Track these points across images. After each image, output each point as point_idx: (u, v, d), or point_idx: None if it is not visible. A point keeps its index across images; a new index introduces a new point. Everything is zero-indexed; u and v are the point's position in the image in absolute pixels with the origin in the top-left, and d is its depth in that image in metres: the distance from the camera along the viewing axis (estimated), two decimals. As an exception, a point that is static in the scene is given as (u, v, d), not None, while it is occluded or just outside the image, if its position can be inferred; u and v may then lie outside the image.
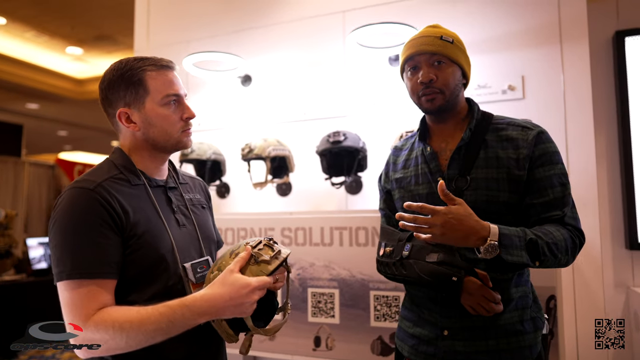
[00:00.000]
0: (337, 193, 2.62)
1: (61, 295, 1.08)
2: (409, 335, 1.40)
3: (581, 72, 2.25)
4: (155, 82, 1.21)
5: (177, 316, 1.04)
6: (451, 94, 1.32)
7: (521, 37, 2.34)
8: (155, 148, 1.25)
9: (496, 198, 1.25)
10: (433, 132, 1.41)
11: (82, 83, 7.59)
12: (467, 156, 1.30)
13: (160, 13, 3.21)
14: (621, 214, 2.60)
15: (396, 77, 2.56)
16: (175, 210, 1.28)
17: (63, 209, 1.11)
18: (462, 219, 1.13)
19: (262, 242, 1.16)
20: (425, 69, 1.32)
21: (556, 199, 1.24)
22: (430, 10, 2.51)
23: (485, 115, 1.37)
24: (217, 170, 2.74)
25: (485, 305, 1.21)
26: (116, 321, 1.03)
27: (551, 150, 1.27)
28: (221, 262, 1.14)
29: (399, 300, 2.11)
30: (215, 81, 2.99)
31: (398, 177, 1.47)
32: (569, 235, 1.21)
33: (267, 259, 1.12)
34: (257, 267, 1.10)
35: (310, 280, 2.27)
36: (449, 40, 1.31)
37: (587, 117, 2.23)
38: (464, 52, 1.35)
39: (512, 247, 1.14)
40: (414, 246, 1.33)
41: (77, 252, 1.07)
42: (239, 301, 1.05)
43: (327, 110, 2.70)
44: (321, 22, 2.75)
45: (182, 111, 1.24)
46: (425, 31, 1.36)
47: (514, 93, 2.32)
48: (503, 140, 1.29)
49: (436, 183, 1.34)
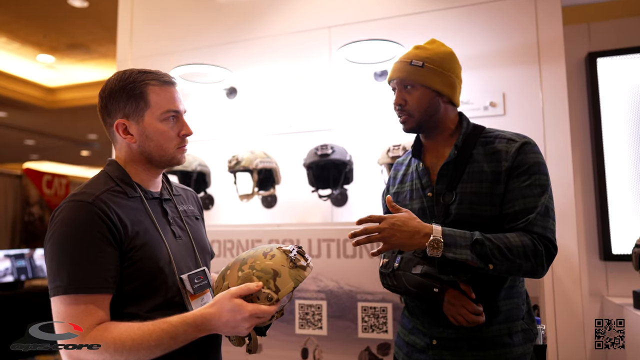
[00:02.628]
0: (323, 205, 2.64)
1: (56, 310, 1.06)
2: (404, 343, 1.45)
3: (558, 90, 2.35)
4: (156, 96, 1.21)
5: (179, 333, 1.05)
6: (422, 116, 1.38)
7: (502, 56, 2.44)
8: (150, 162, 1.25)
9: (479, 212, 1.29)
10: (426, 148, 1.47)
11: (53, 91, 7.40)
12: (455, 172, 1.34)
13: (143, 24, 3.19)
14: (595, 226, 2.72)
15: (381, 92, 2.62)
16: (171, 222, 1.28)
17: (61, 222, 1.09)
18: (406, 221, 1.22)
19: (294, 249, 1.16)
20: (397, 93, 1.41)
21: (526, 209, 1.25)
22: (414, 28, 2.59)
23: (476, 129, 1.40)
24: (202, 182, 2.73)
25: (466, 316, 1.25)
26: (117, 339, 1.03)
27: (531, 161, 1.28)
28: (254, 261, 1.13)
29: (386, 312, 2.14)
30: (200, 93, 2.99)
31: (395, 191, 1.52)
32: (530, 241, 1.21)
33: (303, 264, 1.12)
34: (295, 272, 1.10)
35: (297, 292, 2.27)
36: (419, 64, 1.36)
37: (564, 133, 2.33)
38: (439, 72, 1.37)
39: (456, 246, 1.20)
40: (402, 258, 1.39)
41: (74, 266, 1.06)
42: (235, 325, 1.07)
43: (313, 123, 2.73)
44: (307, 37, 2.79)
45: (180, 128, 1.25)
46: (403, 55, 1.43)
47: (495, 109, 2.41)
48: (489, 154, 1.32)
49: (427, 198, 1.39)
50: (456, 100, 1.42)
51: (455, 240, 1.20)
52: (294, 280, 1.09)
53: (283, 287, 1.08)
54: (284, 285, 1.08)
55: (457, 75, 1.41)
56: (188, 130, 1.26)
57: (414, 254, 1.36)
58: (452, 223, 1.31)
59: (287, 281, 1.08)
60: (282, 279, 1.08)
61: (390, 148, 2.24)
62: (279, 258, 1.11)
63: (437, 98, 1.37)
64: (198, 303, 1.24)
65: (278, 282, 1.08)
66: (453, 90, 1.39)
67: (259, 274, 1.09)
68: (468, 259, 1.19)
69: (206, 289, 1.28)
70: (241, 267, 1.13)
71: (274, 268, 1.09)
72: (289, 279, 1.08)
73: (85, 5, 4.99)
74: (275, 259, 1.11)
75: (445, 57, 1.39)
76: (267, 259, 1.11)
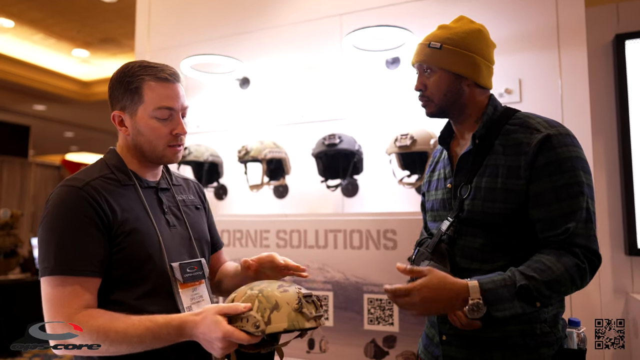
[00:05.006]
0: (334, 196, 2.61)
1: (44, 291, 1.09)
2: (425, 335, 1.43)
3: (579, 76, 2.23)
4: (151, 92, 1.21)
5: (162, 334, 1.05)
6: (443, 101, 1.30)
7: (518, 40, 2.33)
8: (142, 155, 1.26)
9: (491, 209, 1.20)
10: (456, 135, 1.40)
11: (88, 85, 7.66)
12: (473, 163, 1.27)
13: (160, 16, 3.24)
14: (620, 219, 2.57)
15: (393, 80, 2.56)
16: (166, 211, 1.29)
17: (52, 205, 1.13)
18: (436, 289, 1.09)
19: (313, 297, 1.09)
20: (418, 77, 1.34)
21: (564, 214, 1.13)
22: (428, 13, 2.50)
23: (504, 115, 1.29)
24: (214, 172, 2.75)
25: (460, 319, 1.17)
26: (101, 327, 1.04)
27: (561, 156, 1.15)
28: (266, 288, 1.08)
29: (392, 304, 2.10)
30: (213, 84, 3.01)
31: (427, 180, 1.48)
32: (572, 263, 1.10)
33: (308, 314, 1.05)
34: (296, 316, 1.03)
35: (304, 283, 2.26)
36: (437, 46, 1.28)
37: (584, 122, 2.21)
38: (459, 53, 1.27)
39: (500, 301, 1.08)
40: (419, 251, 1.35)
41: (61, 249, 1.08)
42: (209, 340, 1.02)
43: (324, 113, 2.70)
44: (318, 25, 2.76)
45: (174, 126, 1.23)
46: (425, 37, 1.35)
47: (510, 96, 2.31)
48: (509, 145, 1.22)
49: (446, 190, 1.33)
50: (483, 82, 1.30)
51: (497, 294, 1.08)
52: (290, 322, 1.02)
53: (274, 323, 1.01)
54: (276, 321, 1.01)
55: (484, 54, 1.30)
56: (181, 130, 1.23)
57: (426, 247, 1.32)
58: (465, 219, 1.25)
59: (282, 319, 1.02)
60: (279, 314, 1.02)
61: (398, 137, 2.19)
62: (289, 296, 1.05)
63: (458, 81, 1.28)
64: (188, 293, 1.24)
65: (273, 315, 1.02)
66: (477, 72, 1.28)
67: (262, 299, 1.04)
68: (519, 312, 1.09)
69: (200, 279, 1.27)
70: (252, 287, 1.10)
71: (278, 301, 1.04)
72: (285, 319, 1.02)
73: (115, 0, 5.12)
74: (285, 294, 1.05)
75: (469, 35, 1.29)
76: (278, 291, 1.06)
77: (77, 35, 6.08)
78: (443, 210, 1.33)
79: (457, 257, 1.26)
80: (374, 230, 2.17)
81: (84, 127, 9.60)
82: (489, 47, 1.33)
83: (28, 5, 5.29)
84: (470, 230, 1.25)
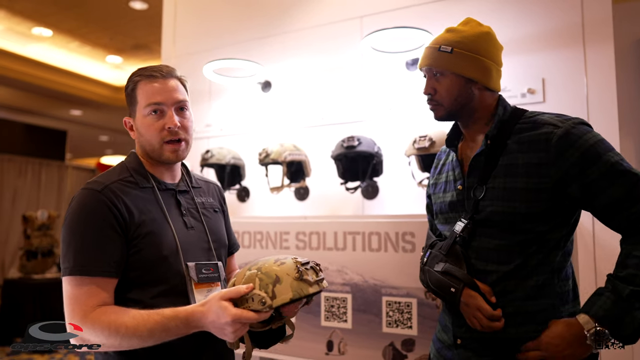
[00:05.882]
0: (354, 198, 2.61)
1: (64, 289, 1.14)
2: (437, 339, 1.41)
3: (605, 75, 2.16)
4: (142, 92, 1.24)
5: (170, 326, 1.07)
6: (453, 105, 1.29)
7: (542, 38, 2.28)
8: (149, 156, 1.28)
9: (512, 209, 1.18)
10: (464, 137, 1.38)
11: (121, 90, 7.90)
12: (487, 164, 1.25)
13: (185, 23, 3.32)
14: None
15: (413, 82, 2.54)
16: (184, 212, 1.30)
17: (72, 208, 1.17)
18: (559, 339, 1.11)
19: (310, 263, 1.12)
20: (427, 81, 1.33)
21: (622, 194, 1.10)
22: (448, 13, 2.48)
23: (514, 115, 1.27)
24: (236, 175, 2.79)
25: (480, 320, 1.17)
26: (112, 323, 1.07)
27: (590, 142, 1.13)
28: (264, 264, 1.10)
29: (411, 307, 2.09)
30: (236, 87, 3.06)
31: (433, 182, 1.47)
32: None
33: (310, 280, 1.07)
34: (298, 284, 1.05)
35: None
36: (447, 50, 1.27)
37: (612, 123, 2.14)
38: (470, 57, 1.26)
39: (620, 321, 1.05)
40: (431, 253, 1.34)
41: (80, 250, 1.12)
42: (220, 327, 1.05)
43: (345, 115, 2.71)
44: (339, 28, 2.77)
45: (165, 120, 1.23)
46: (433, 40, 1.34)
47: (533, 97, 2.26)
48: (524, 143, 1.20)
49: (457, 191, 1.32)
50: (493, 85, 1.29)
51: (611, 313, 1.06)
52: (294, 291, 1.04)
53: (280, 296, 1.03)
54: (281, 293, 1.03)
55: (494, 58, 1.29)
56: (172, 122, 1.22)
57: (439, 249, 1.31)
58: (481, 220, 1.23)
59: (286, 290, 1.03)
60: (282, 286, 1.04)
61: (417, 139, 2.17)
62: (287, 267, 1.07)
63: (469, 85, 1.27)
64: (203, 293, 1.25)
65: (277, 289, 1.04)
66: (488, 76, 1.27)
67: (262, 276, 1.06)
68: None
69: (215, 281, 1.28)
70: (250, 267, 1.11)
71: (278, 274, 1.05)
72: (289, 289, 1.04)
73: (145, 8, 5.26)
74: (283, 266, 1.07)
75: (479, 39, 1.28)
76: (276, 265, 1.08)
77: (110, 42, 6.28)
78: (453, 212, 1.32)
79: (473, 258, 1.25)
80: (393, 233, 2.15)
81: (118, 131, 9.90)
82: (498, 50, 1.32)
83: (65, 15, 5.51)
84: (486, 231, 1.23)
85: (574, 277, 1.28)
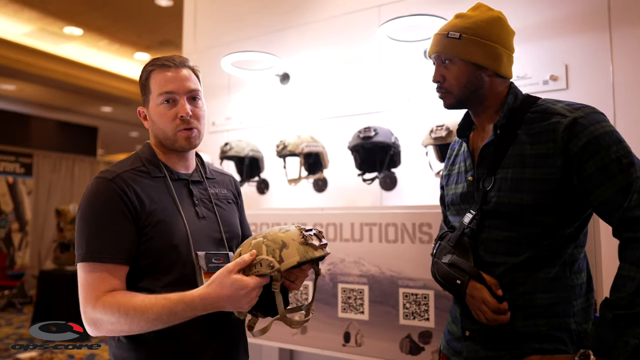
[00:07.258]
0: (372, 189, 2.60)
1: (78, 275, 1.17)
2: (447, 331, 1.40)
3: (633, 61, 2.07)
4: (155, 81, 1.25)
5: (177, 310, 1.09)
6: (462, 92, 1.25)
7: (565, 23, 2.20)
8: (162, 145, 1.30)
9: (519, 201, 1.15)
10: (475, 126, 1.35)
11: (150, 87, 8.06)
12: (496, 154, 1.22)
13: (205, 18, 3.36)
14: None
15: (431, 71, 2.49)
16: (197, 202, 1.31)
17: (84, 197, 1.20)
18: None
19: (313, 230, 1.16)
20: (435, 69, 1.30)
21: (617, 192, 1.07)
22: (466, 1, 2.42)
23: (525, 104, 1.24)
24: (255, 167, 2.81)
25: (485, 313, 1.15)
26: (122, 306, 1.10)
27: (595, 134, 1.09)
28: (269, 232, 1.14)
29: (428, 299, 2.06)
30: (254, 81, 3.08)
31: (447, 173, 1.44)
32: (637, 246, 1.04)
33: (315, 244, 1.12)
34: (304, 248, 1.10)
35: (340, 276, 2.27)
36: (456, 36, 1.23)
37: (639, 111, 2.05)
38: (479, 43, 1.22)
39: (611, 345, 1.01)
40: (440, 245, 1.32)
41: (92, 238, 1.15)
42: (237, 300, 1.07)
43: (363, 106, 2.69)
44: (357, 18, 2.74)
45: (178, 109, 1.24)
46: (442, 26, 1.30)
47: (556, 84, 2.18)
48: (534, 134, 1.17)
49: (468, 182, 1.30)
50: (504, 71, 1.25)
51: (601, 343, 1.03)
52: (301, 255, 1.08)
53: (287, 259, 1.08)
54: (288, 257, 1.08)
55: (505, 43, 1.25)
56: (184, 111, 1.23)
57: (448, 241, 1.29)
58: (490, 212, 1.21)
59: (293, 254, 1.08)
60: (288, 251, 1.09)
61: (434, 129, 2.13)
62: (292, 233, 1.12)
63: (478, 72, 1.23)
64: None
65: (284, 253, 1.08)
66: (498, 62, 1.23)
67: (268, 242, 1.10)
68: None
69: None
70: (255, 237, 1.15)
71: (284, 240, 1.10)
72: (295, 253, 1.08)
73: (171, 4, 5.35)
74: (288, 233, 1.12)
75: (488, 24, 1.24)
76: (281, 232, 1.12)
77: (138, 39, 6.42)
78: (464, 204, 1.29)
79: (481, 250, 1.22)
80: (409, 224, 2.13)
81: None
82: (509, 35, 1.27)
83: (95, 15, 5.66)
84: (495, 223, 1.21)
85: (588, 270, 1.23)
